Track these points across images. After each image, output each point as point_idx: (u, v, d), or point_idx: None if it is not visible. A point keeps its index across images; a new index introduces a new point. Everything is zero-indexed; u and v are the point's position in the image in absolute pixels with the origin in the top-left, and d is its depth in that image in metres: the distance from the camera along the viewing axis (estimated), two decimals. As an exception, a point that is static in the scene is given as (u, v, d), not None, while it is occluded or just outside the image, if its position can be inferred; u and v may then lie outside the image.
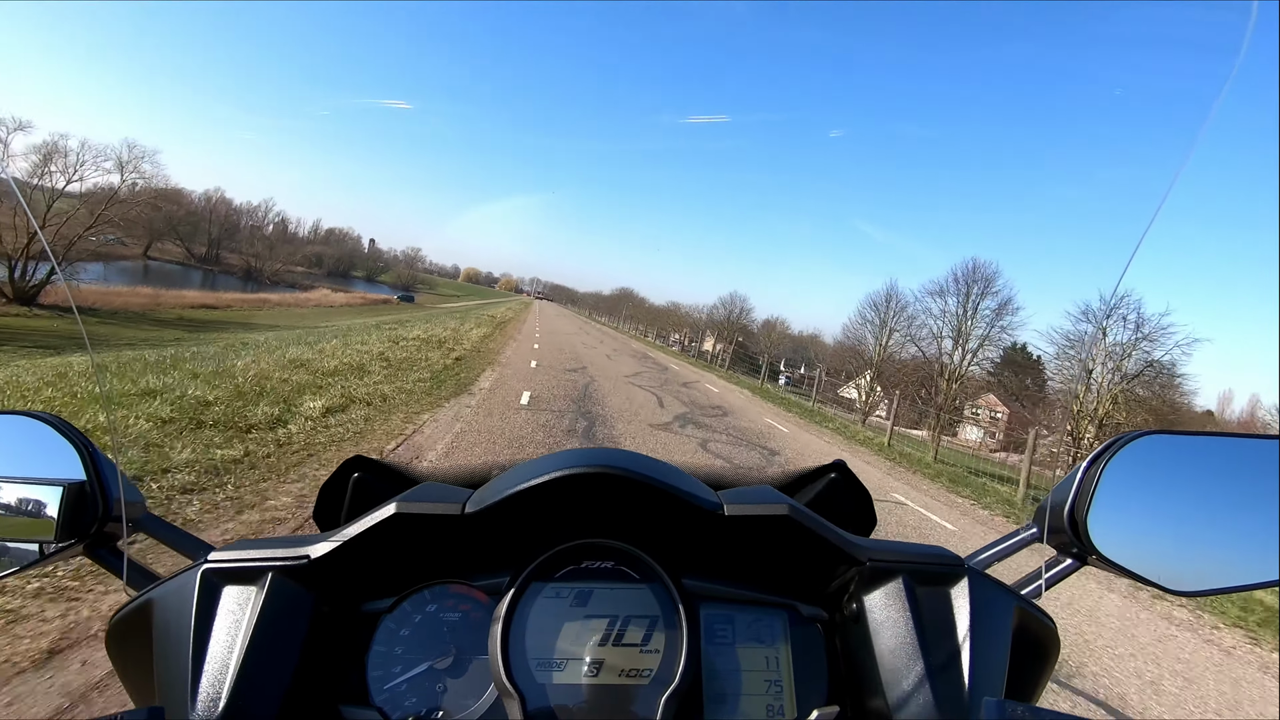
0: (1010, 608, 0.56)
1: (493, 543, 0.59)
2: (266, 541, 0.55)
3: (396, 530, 0.54)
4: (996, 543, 0.64)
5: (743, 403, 15.55)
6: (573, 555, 0.59)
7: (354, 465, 0.70)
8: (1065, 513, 0.58)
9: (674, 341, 54.58)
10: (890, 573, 0.56)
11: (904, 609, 0.55)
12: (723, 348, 64.53)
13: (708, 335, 67.75)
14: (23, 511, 0.52)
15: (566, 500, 0.57)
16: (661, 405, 11.34)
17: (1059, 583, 0.61)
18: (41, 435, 0.54)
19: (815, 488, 0.76)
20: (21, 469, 0.53)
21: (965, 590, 0.55)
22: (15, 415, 0.55)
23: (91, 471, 0.53)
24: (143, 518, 0.57)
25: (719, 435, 9.48)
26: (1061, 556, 0.61)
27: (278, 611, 0.51)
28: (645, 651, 0.56)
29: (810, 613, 0.61)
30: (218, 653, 0.49)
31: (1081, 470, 0.57)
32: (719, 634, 0.59)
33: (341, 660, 0.55)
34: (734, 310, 66.58)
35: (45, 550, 0.52)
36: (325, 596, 0.55)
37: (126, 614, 0.54)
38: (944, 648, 0.53)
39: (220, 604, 0.51)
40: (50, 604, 2.40)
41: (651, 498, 0.56)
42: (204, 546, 0.57)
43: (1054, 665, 0.61)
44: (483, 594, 0.59)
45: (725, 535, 0.59)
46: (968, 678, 0.51)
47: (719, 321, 69.61)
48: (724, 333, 68.22)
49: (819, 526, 0.57)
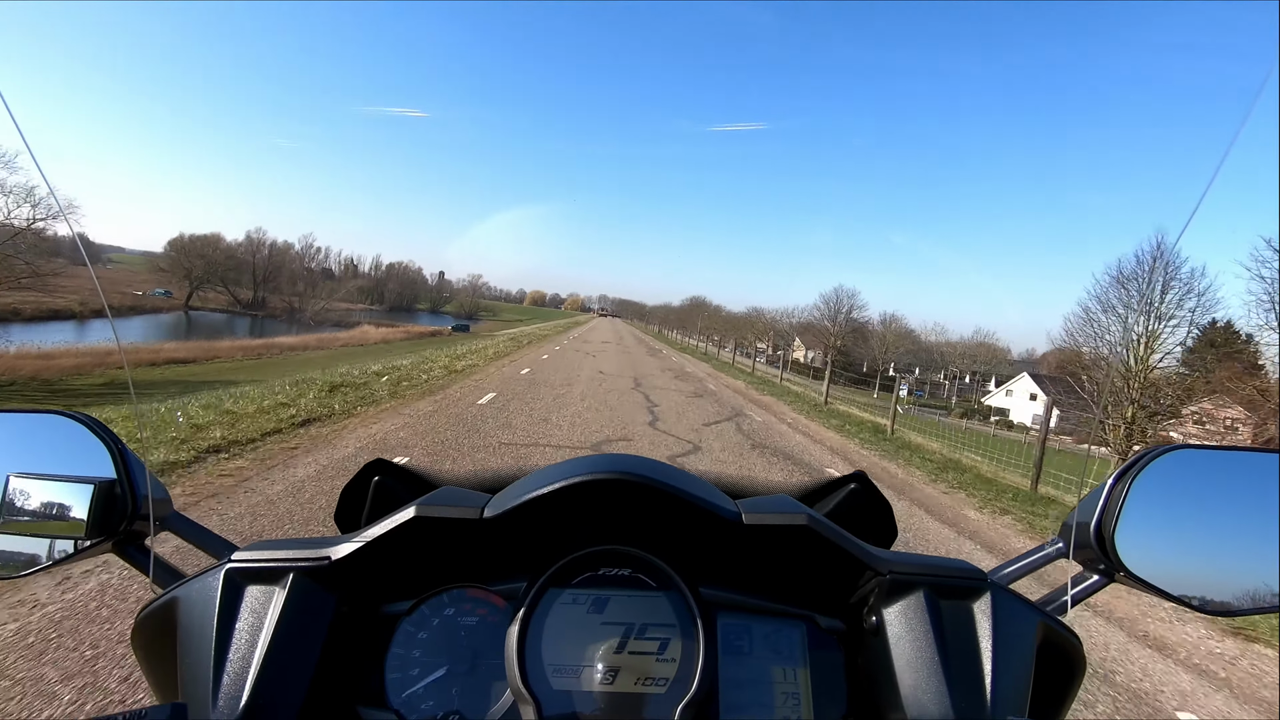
0: (1034, 624, 0.54)
1: (510, 548, 0.60)
2: (288, 542, 0.56)
3: (416, 533, 0.55)
4: (1020, 558, 0.62)
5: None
6: (590, 562, 0.59)
7: (375, 469, 0.72)
8: (1092, 528, 0.57)
9: (758, 353, 45.12)
10: (911, 585, 0.55)
11: (925, 622, 0.53)
12: (816, 355, 53.45)
13: (797, 343, 57.98)
14: (55, 508, 0.54)
15: (584, 506, 0.57)
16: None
17: (1084, 600, 0.59)
18: (73, 433, 0.56)
19: (835, 498, 0.74)
20: (54, 466, 0.55)
21: (988, 605, 0.54)
22: (49, 414, 0.57)
23: (121, 470, 0.55)
24: (169, 516, 0.59)
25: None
26: (1088, 573, 0.59)
27: (299, 611, 0.52)
28: (661, 660, 0.55)
29: (829, 624, 0.60)
30: (240, 650, 0.50)
31: (1109, 485, 0.56)
32: (736, 644, 0.58)
33: (360, 661, 0.56)
34: (840, 309, 56.21)
35: (78, 546, 0.54)
36: (345, 598, 0.55)
37: (152, 611, 0.55)
38: (965, 663, 0.51)
39: (243, 603, 0.52)
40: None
41: (670, 505, 0.56)
42: (228, 546, 0.58)
43: (1079, 684, 0.58)
44: (500, 599, 0.59)
45: (743, 545, 0.59)
46: (990, 695, 0.49)
47: (817, 326, 59.87)
48: (823, 337, 58.05)
49: (838, 537, 0.56)
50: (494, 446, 6.53)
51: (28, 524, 0.55)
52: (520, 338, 30.43)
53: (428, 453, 6.08)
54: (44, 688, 2.18)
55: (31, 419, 0.59)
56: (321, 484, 4.73)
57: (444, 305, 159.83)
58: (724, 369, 24.04)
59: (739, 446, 8.30)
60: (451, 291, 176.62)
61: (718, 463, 7.21)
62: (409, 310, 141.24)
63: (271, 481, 4.74)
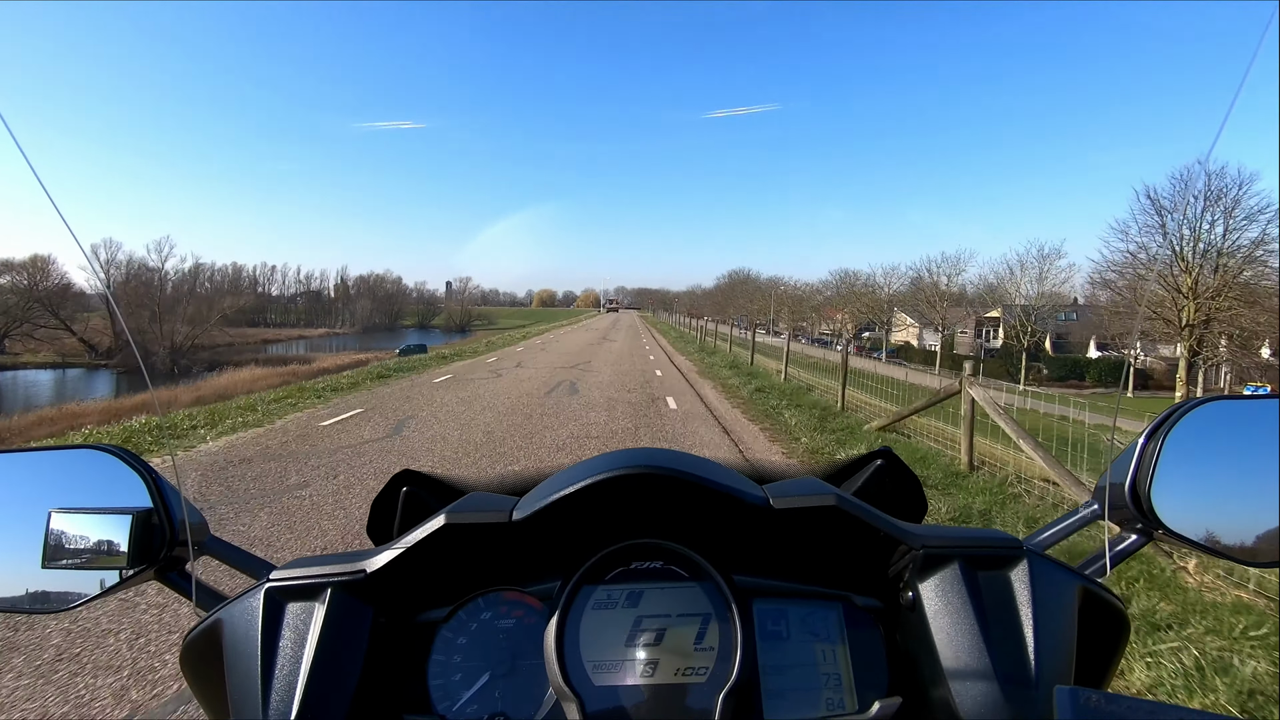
0: (1073, 588, 0.55)
1: (542, 549, 0.61)
2: (324, 559, 0.57)
3: (448, 540, 0.56)
4: (1055, 522, 0.62)
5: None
6: (621, 557, 0.60)
7: (403, 479, 0.72)
8: (1126, 487, 0.56)
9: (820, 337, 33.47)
10: (945, 559, 0.55)
11: (962, 595, 0.53)
12: (943, 339, 30.16)
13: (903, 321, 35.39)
14: (97, 540, 0.56)
15: (612, 503, 0.58)
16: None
17: (1124, 560, 0.58)
18: (107, 466, 0.57)
19: (861, 477, 0.74)
20: (92, 500, 0.57)
21: (1025, 573, 0.54)
22: (83, 449, 0.58)
23: (157, 499, 0.56)
24: (207, 541, 0.60)
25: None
26: (1126, 533, 0.59)
27: (339, 625, 0.53)
28: (700, 649, 0.56)
29: (865, 603, 0.60)
30: (285, 667, 0.51)
31: (1140, 443, 0.56)
32: (773, 629, 0.59)
33: (402, 671, 0.57)
34: (936, 276, 35.74)
35: (122, 576, 0.56)
36: (383, 609, 0.56)
37: (198, 634, 0.56)
38: (1006, 633, 0.51)
39: (284, 620, 0.53)
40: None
41: (697, 495, 0.56)
42: (265, 565, 0.59)
43: (1124, 647, 0.58)
44: (535, 600, 0.60)
45: (774, 529, 0.59)
46: (1034, 665, 0.49)
47: (905, 297, 43.92)
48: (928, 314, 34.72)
49: (867, 515, 0.56)
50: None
51: (72, 558, 0.56)
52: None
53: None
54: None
55: (65, 455, 0.60)
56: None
57: (433, 319, 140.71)
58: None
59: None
60: (441, 303, 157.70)
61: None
62: (391, 329, 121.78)
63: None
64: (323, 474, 5.88)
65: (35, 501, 0.56)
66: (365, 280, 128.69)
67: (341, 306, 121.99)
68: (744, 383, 12.80)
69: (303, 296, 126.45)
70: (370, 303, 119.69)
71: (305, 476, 5.79)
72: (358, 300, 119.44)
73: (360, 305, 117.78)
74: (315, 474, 5.88)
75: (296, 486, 5.46)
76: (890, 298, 41.43)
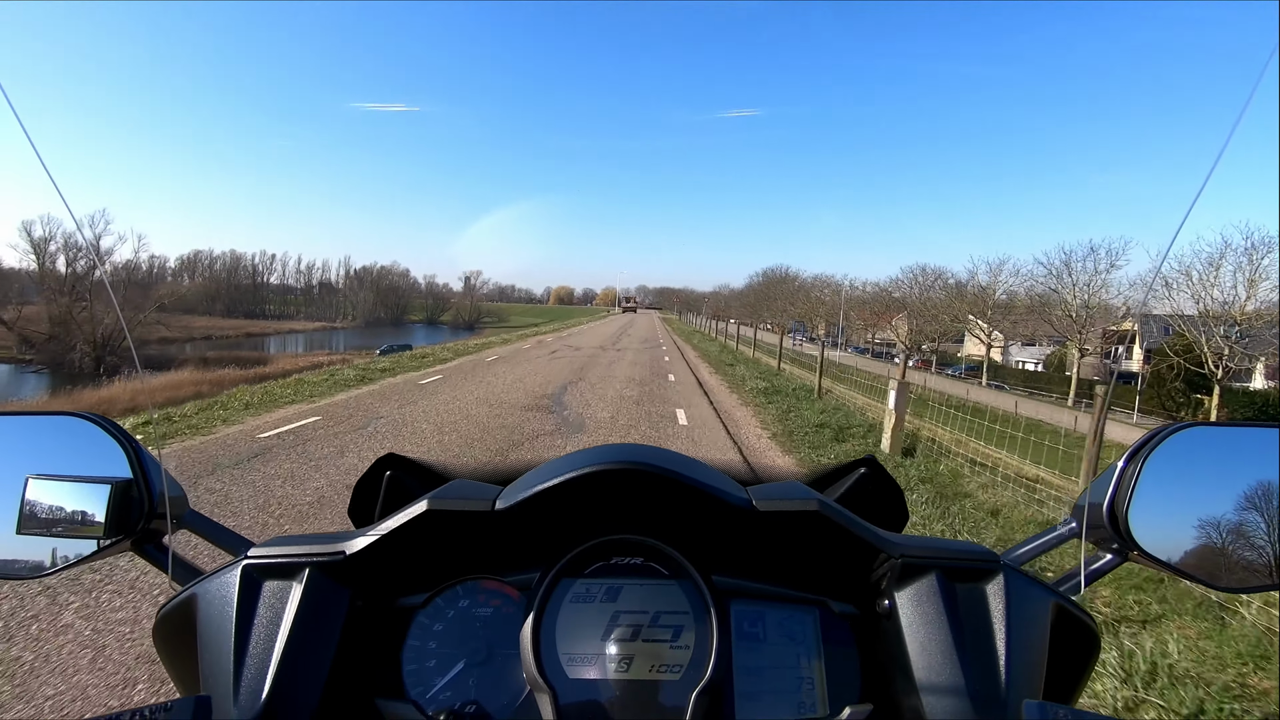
0: (1047, 605, 0.55)
1: (523, 539, 0.61)
2: (304, 538, 0.57)
3: (429, 526, 0.56)
4: (1033, 539, 0.63)
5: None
6: (602, 551, 0.60)
7: (387, 463, 0.72)
8: (1105, 508, 0.57)
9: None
10: (923, 569, 0.56)
11: (938, 606, 0.54)
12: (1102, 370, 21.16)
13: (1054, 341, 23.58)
14: (74, 508, 0.55)
15: (595, 497, 0.58)
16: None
17: (1098, 579, 0.59)
18: (88, 434, 0.56)
19: (845, 483, 0.75)
20: (71, 467, 0.56)
21: (1001, 586, 0.54)
22: (64, 416, 0.58)
23: (137, 469, 0.55)
24: (186, 515, 0.60)
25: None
26: (1101, 552, 0.60)
27: (315, 606, 0.53)
28: (675, 647, 0.56)
29: (842, 610, 0.60)
30: (259, 645, 0.51)
31: (1120, 466, 0.57)
32: (749, 630, 0.59)
33: (377, 654, 0.57)
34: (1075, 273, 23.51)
35: (98, 545, 0.55)
36: (360, 591, 0.56)
37: (172, 608, 0.56)
38: (979, 645, 0.52)
39: (260, 598, 0.53)
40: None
41: (681, 494, 0.57)
42: (244, 542, 0.59)
43: (1094, 665, 0.59)
44: (514, 590, 0.60)
45: (756, 532, 0.60)
46: (1004, 677, 0.50)
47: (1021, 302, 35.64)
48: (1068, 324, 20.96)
49: (849, 522, 0.57)
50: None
51: (48, 525, 0.55)
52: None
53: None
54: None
55: (46, 421, 0.59)
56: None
57: (441, 314, 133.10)
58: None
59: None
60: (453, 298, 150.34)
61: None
62: (396, 324, 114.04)
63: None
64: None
65: (12, 467, 0.55)
66: (369, 271, 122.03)
67: (343, 299, 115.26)
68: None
69: (302, 288, 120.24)
70: (374, 295, 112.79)
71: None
72: (360, 292, 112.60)
73: (363, 298, 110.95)
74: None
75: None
76: (998, 302, 31.88)
